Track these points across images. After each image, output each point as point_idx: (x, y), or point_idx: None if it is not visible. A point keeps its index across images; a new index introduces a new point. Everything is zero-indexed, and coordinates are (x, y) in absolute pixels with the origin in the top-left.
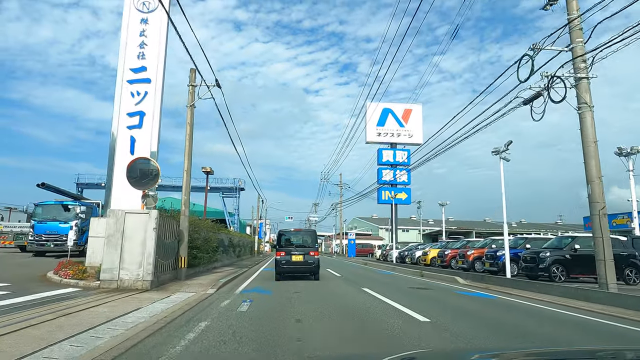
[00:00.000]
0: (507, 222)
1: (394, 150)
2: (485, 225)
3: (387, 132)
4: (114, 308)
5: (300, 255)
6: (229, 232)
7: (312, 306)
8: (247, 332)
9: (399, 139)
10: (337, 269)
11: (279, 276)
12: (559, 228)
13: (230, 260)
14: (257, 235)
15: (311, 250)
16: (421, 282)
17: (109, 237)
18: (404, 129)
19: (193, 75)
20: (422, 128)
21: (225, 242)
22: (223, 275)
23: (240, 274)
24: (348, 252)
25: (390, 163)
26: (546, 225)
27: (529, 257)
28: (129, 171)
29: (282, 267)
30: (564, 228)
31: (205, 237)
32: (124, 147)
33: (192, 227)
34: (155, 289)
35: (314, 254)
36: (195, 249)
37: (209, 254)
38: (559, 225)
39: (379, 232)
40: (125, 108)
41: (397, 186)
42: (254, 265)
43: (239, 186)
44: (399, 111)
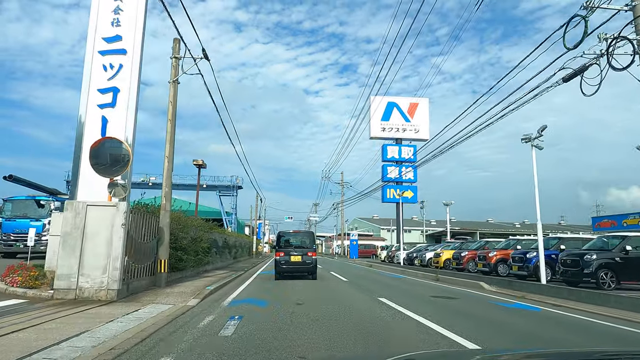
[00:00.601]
0: (509, 223)
1: (399, 146)
2: (488, 225)
3: (392, 127)
4: (46, 332)
5: (298, 255)
6: (224, 232)
7: (319, 327)
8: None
9: (404, 134)
10: (341, 271)
11: (279, 275)
12: (564, 229)
13: (225, 263)
14: (256, 236)
15: (309, 251)
16: (442, 289)
17: (66, 235)
18: (409, 123)
19: (176, 46)
20: (428, 123)
21: (220, 243)
22: (213, 281)
23: (233, 278)
24: (350, 253)
25: (396, 160)
26: (550, 225)
27: (569, 260)
28: (95, 155)
29: (281, 267)
30: (569, 229)
31: (194, 237)
32: (93, 130)
33: (177, 225)
34: (124, 300)
35: (312, 255)
36: (180, 250)
37: (199, 255)
38: (563, 226)
39: (381, 233)
40: (96, 83)
41: (402, 184)
42: (250, 267)
43: (236, 184)
44: (405, 105)
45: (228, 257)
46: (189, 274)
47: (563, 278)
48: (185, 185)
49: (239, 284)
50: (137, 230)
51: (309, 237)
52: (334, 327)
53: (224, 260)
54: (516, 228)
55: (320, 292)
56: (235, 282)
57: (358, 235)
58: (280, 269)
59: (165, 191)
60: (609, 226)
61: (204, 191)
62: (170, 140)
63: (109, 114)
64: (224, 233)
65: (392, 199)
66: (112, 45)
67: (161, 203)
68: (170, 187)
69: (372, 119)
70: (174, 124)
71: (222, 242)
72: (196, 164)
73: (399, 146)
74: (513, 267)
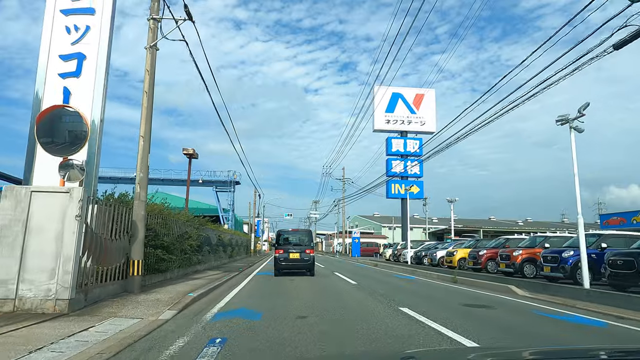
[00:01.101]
0: (512, 221)
1: (404, 139)
2: (490, 223)
3: (397, 119)
4: None
5: (297, 253)
6: (218, 229)
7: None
8: None
9: (409, 126)
10: (347, 272)
11: (278, 272)
12: (568, 227)
13: (219, 262)
14: (255, 234)
15: (307, 249)
16: (468, 294)
17: (3, 229)
18: (415, 115)
19: (155, 5)
20: (435, 115)
21: (213, 241)
22: (200, 285)
23: (225, 280)
24: (352, 252)
25: (401, 153)
26: (554, 224)
27: (620, 260)
28: (47, 131)
29: (280, 264)
30: (574, 227)
31: (180, 234)
32: (52, 103)
33: (159, 220)
34: (77, 313)
35: (310, 252)
36: (161, 249)
37: (187, 254)
38: (567, 224)
39: (382, 231)
40: (57, 48)
41: (408, 179)
42: (247, 267)
43: (233, 179)
44: (410, 96)
45: (223, 256)
46: (175, 275)
47: (610, 281)
48: (181, 181)
49: (231, 287)
50: (103, 225)
51: (306, 236)
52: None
53: (219, 259)
54: (519, 226)
55: (327, 299)
56: (227, 285)
57: (360, 233)
58: (280, 265)
59: (140, 177)
60: (617, 223)
61: (200, 187)
62: (146, 117)
63: (72, 84)
64: (219, 230)
65: (397, 194)
66: (77, 3)
67: (135, 192)
68: (147, 173)
69: (376, 110)
70: (151, 97)
71: (216, 240)
72: (186, 154)
73: (404, 139)
74: (545, 268)
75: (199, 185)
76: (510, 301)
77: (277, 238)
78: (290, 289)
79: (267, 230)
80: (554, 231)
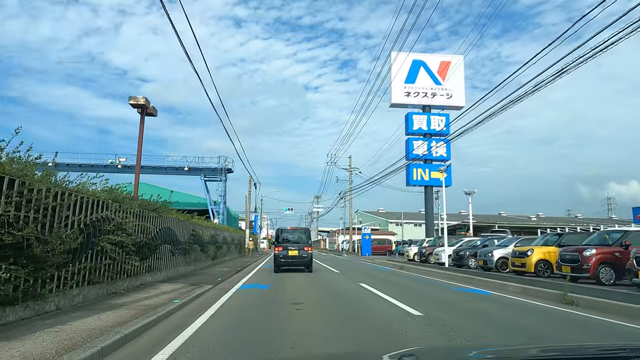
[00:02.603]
0: (525, 216)
1: (427, 115)
2: (501, 219)
3: (419, 90)
4: None
5: (295, 250)
6: (193, 221)
7: None
8: None
9: (434, 100)
10: (376, 282)
11: (277, 268)
12: (580, 222)
13: (194, 267)
14: (250, 230)
15: (305, 246)
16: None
17: None
18: (440, 87)
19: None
20: (464, 86)
21: (182, 237)
22: (112, 323)
23: (181, 305)
24: (362, 250)
25: (424, 132)
26: (565, 219)
27: None
28: None
29: (280, 260)
30: (585, 222)
31: (119, 224)
32: None
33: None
34: None
35: (308, 249)
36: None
37: (112, 259)
38: (580, 219)
39: (389, 227)
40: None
41: (432, 162)
42: (232, 274)
43: (225, 167)
44: (434, 64)
45: (202, 257)
46: (69, 303)
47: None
48: (164, 168)
49: (182, 322)
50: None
51: (305, 234)
52: None
53: (195, 262)
54: (534, 222)
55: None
56: (177, 318)
57: (371, 229)
58: (279, 262)
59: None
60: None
61: (187, 175)
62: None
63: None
64: (195, 223)
65: (419, 181)
66: None
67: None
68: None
69: (394, 81)
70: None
71: (187, 236)
72: (135, 104)
73: (427, 115)
74: None
75: (185, 173)
76: None
77: (276, 236)
78: (294, 331)
79: (267, 227)
80: (573, 227)
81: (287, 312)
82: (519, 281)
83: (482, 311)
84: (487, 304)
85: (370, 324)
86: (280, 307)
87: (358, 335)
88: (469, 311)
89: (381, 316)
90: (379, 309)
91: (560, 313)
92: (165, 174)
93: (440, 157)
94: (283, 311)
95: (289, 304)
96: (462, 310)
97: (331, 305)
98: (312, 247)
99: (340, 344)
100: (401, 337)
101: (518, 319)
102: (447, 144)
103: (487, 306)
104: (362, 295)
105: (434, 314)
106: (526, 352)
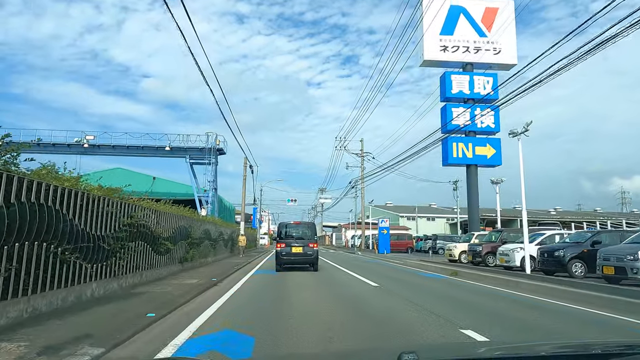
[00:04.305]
0: (543, 210)
1: (470, 75)
2: (516, 212)
3: (459, 44)
4: None
5: (299, 247)
6: (145, 204)
7: None
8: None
9: (477, 56)
10: (476, 317)
11: (280, 266)
12: (597, 215)
13: (139, 278)
14: (251, 225)
15: (310, 242)
16: None
17: None
18: (485, 39)
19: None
20: (515, 39)
21: (119, 232)
22: None
23: None
24: (379, 247)
25: (465, 96)
26: (588, 213)
27: None
28: None
29: (282, 258)
30: (606, 217)
31: None
32: None
33: None
34: None
35: (313, 246)
36: None
37: None
38: (600, 213)
39: (400, 221)
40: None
41: (476, 135)
42: (192, 296)
43: (215, 146)
44: (478, 11)
45: (161, 262)
46: None
47: None
48: (140, 148)
49: None
50: None
51: (310, 229)
52: None
53: (149, 269)
54: (553, 216)
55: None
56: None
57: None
58: (282, 260)
59: None
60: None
61: (170, 157)
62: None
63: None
64: (147, 206)
65: (460, 158)
66: None
67: None
68: None
69: (427, 32)
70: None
71: (133, 231)
72: None
73: (469, 75)
74: None
75: (168, 155)
76: None
77: (278, 231)
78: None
79: (269, 222)
80: (603, 222)
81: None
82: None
83: None
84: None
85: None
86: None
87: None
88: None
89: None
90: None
91: None
92: (141, 155)
93: (486, 129)
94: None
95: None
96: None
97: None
98: (317, 244)
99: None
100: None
101: None
102: (496, 112)
103: None
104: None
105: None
106: (532, 349)
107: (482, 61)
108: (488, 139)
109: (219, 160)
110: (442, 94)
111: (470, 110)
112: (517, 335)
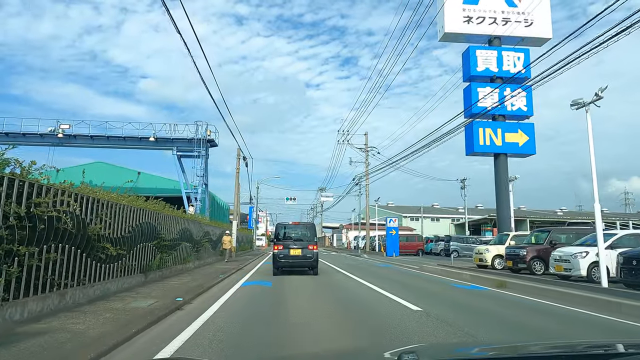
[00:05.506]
0: (550, 211)
1: (497, 50)
2: (523, 213)
3: (485, 14)
4: None
5: (298, 249)
6: (98, 195)
7: None
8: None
9: (506, 28)
10: None
11: (277, 270)
12: (609, 216)
13: (55, 302)
14: (239, 223)
15: (310, 244)
16: None
17: None
18: (515, 9)
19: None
20: (549, 10)
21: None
22: None
23: None
24: (387, 249)
25: (492, 75)
26: (590, 213)
27: None
28: None
29: (280, 261)
30: (615, 217)
31: None
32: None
33: None
34: None
35: (313, 248)
36: None
37: None
38: (606, 213)
39: (403, 222)
40: None
41: (505, 119)
42: (143, 326)
43: (205, 136)
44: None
45: (113, 272)
46: None
47: None
48: (122, 138)
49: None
50: None
51: (309, 230)
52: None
53: (77, 285)
54: (559, 216)
55: None
56: None
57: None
58: (279, 263)
59: None
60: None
61: (155, 149)
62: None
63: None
64: (74, 191)
65: (488, 146)
66: None
67: None
68: None
69: (448, 1)
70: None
71: (24, 230)
72: None
73: (497, 50)
74: None
75: (153, 147)
76: None
77: (276, 232)
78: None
79: (267, 223)
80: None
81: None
82: None
83: None
84: None
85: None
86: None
87: None
88: None
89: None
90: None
91: None
92: (123, 146)
93: (517, 112)
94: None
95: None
96: None
97: None
98: (317, 246)
99: None
100: None
101: None
102: (528, 93)
103: None
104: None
105: None
106: (526, 348)
107: (511, 34)
108: (520, 124)
109: (212, 156)
110: (465, 73)
111: (500, 90)
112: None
